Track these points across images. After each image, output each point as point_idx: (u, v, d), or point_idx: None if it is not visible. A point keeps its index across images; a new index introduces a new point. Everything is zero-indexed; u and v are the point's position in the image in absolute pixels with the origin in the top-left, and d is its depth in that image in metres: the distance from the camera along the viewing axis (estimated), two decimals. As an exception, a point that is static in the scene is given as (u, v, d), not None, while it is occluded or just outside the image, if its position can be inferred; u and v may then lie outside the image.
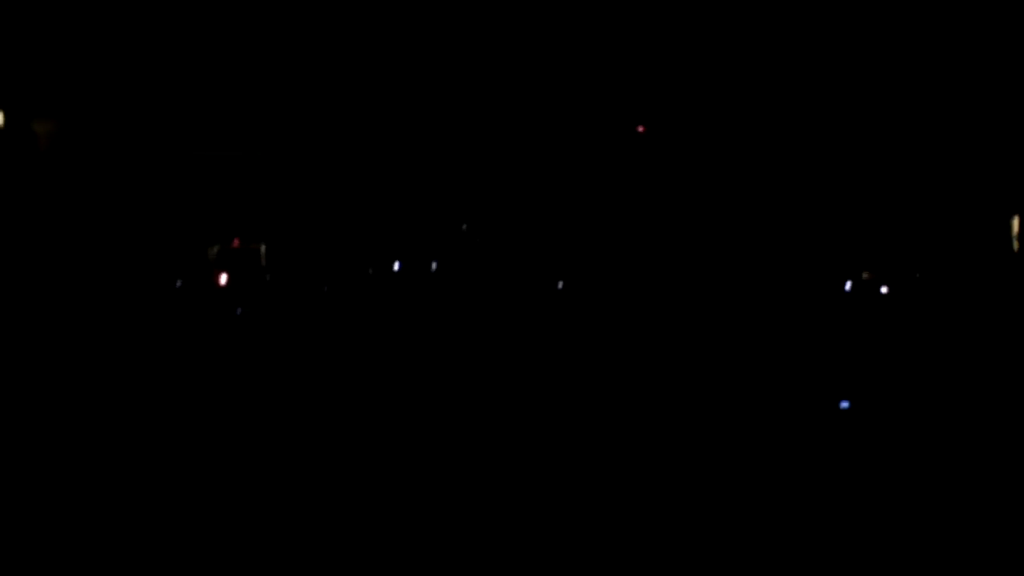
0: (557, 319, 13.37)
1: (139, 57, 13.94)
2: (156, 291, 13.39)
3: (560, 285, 13.66)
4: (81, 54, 13.86)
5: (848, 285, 13.65)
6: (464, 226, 14.06)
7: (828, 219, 14.14)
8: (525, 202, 14.30)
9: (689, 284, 13.84)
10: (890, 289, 13.52)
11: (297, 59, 14.17)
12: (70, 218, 13.71)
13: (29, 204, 13.64)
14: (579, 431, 10.77)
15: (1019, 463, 9.83)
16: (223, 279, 13.50)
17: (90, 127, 13.95)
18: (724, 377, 11.99)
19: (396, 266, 13.92)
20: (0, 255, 13.34)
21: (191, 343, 12.78)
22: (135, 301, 13.22)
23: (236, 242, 13.79)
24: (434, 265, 14.08)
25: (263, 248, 13.81)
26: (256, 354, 12.67)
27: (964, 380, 11.83)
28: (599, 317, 13.43)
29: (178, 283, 13.41)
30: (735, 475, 9.61)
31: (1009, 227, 13.86)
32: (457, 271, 14.03)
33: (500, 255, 14.08)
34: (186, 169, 13.95)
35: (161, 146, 13.99)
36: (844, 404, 11.28)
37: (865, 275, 13.71)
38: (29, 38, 13.67)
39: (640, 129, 14.05)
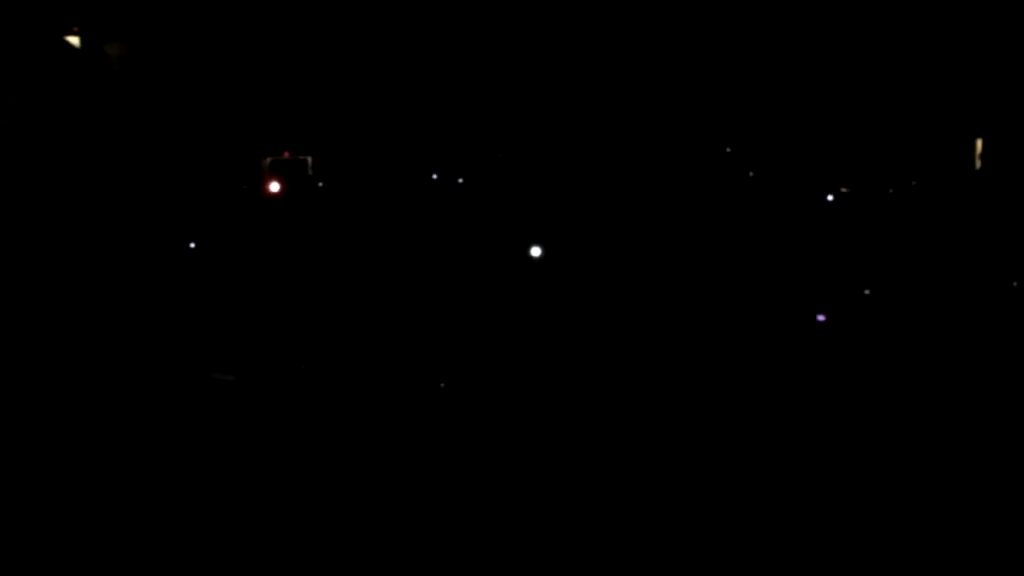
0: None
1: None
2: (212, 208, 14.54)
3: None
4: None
5: (830, 198, 15.06)
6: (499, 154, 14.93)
7: (807, 137, 15.47)
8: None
9: (674, 209, 14.84)
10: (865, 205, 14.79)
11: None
12: (140, 135, 15.10)
13: (102, 125, 15.00)
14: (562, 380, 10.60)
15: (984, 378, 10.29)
16: (275, 187, 15.04)
17: (158, 49, 15.34)
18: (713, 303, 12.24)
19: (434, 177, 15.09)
20: (78, 171, 14.69)
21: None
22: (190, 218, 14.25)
23: (286, 154, 15.35)
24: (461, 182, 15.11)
25: (310, 160, 15.36)
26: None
27: (936, 297, 12.48)
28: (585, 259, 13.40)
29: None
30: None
31: (973, 147, 15.32)
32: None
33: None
34: (243, 87, 15.38)
35: (221, 67, 15.38)
36: (820, 317, 11.74)
37: (843, 190, 15.15)
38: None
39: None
